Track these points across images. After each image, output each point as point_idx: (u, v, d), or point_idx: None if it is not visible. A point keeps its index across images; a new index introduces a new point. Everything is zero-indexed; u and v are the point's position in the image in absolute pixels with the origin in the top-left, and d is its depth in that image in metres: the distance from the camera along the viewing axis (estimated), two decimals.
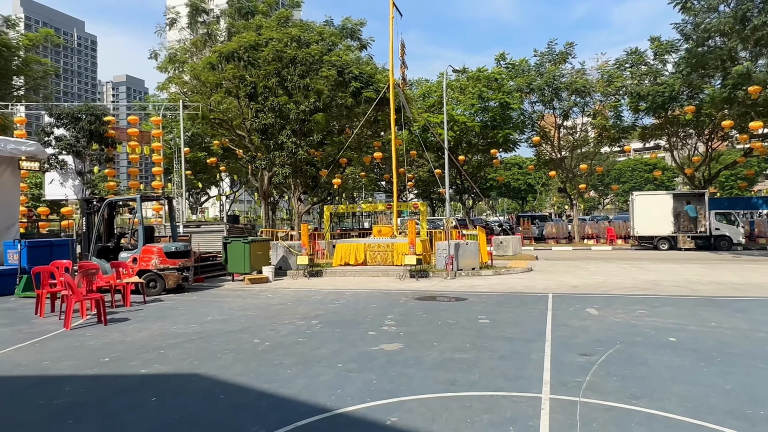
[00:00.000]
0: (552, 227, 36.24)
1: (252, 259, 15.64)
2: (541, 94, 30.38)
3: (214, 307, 10.75)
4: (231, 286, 14.76)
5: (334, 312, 9.84)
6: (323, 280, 15.48)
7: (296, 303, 11.14)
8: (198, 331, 8.36)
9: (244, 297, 12.30)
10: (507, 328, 8.02)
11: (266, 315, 9.71)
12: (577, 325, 8.10)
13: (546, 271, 16.95)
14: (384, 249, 17.74)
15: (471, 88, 31.69)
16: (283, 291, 13.28)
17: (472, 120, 31.64)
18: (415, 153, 34.14)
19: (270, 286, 14.51)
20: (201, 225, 18.41)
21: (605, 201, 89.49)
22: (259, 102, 18.80)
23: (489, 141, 33.18)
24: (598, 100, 30.45)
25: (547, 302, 10.48)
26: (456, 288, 13.02)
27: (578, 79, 29.24)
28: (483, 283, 13.96)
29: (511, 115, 32.42)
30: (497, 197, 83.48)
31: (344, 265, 17.95)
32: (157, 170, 22.47)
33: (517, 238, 24.02)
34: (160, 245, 13.06)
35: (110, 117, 21.95)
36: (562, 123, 32.06)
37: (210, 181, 55.45)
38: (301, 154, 18.71)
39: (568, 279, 14.41)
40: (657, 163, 77.50)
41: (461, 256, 15.91)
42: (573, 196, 34.22)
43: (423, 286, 13.57)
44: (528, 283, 13.59)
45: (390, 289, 13.13)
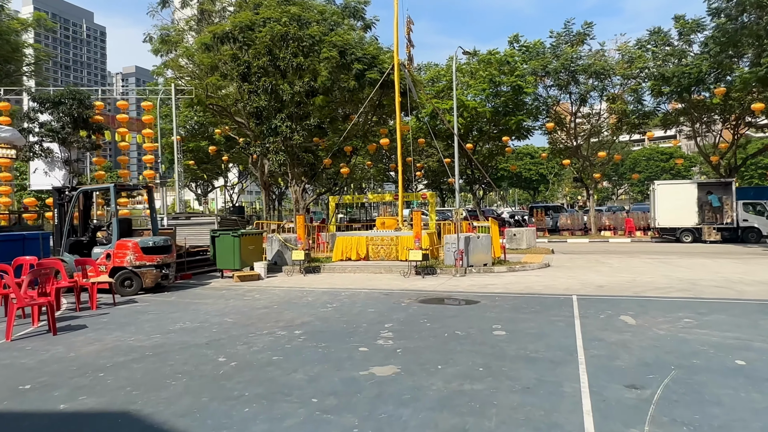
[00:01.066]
0: (567, 218, 34.61)
1: (243, 254, 14.31)
2: (557, 78, 28.63)
3: (190, 312, 9.41)
4: (218, 283, 13.45)
5: (324, 319, 8.46)
6: (320, 278, 14.12)
7: (284, 306, 9.77)
8: (158, 344, 7.01)
9: (227, 298, 10.96)
10: (528, 343, 6.59)
11: (245, 322, 8.35)
12: (613, 340, 6.64)
13: (565, 266, 15.46)
14: (388, 243, 16.32)
15: (482, 72, 30.02)
16: (272, 291, 11.92)
17: (483, 106, 30.02)
18: (423, 141, 32.60)
19: (260, 284, 13.16)
20: (191, 217, 17.11)
21: (619, 191, 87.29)
22: (252, 83, 17.37)
23: (501, 128, 31.54)
24: (618, 84, 28.65)
25: (571, 307, 9.02)
26: (466, 288, 11.59)
27: (597, 61, 27.46)
28: (496, 281, 12.50)
29: (524, 101, 30.73)
30: (508, 187, 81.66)
31: (345, 260, 16.57)
32: (148, 159, 21.16)
33: (531, 231, 22.50)
34: (136, 239, 11.74)
35: (98, 102, 20.65)
36: (578, 108, 30.31)
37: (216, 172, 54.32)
38: (297, 139, 17.26)
39: (592, 277, 12.91)
40: (674, 152, 75.26)
41: (472, 250, 14.46)
42: (589, 186, 32.52)
43: (429, 285, 12.16)
44: (547, 282, 12.12)
45: (392, 288, 11.72)
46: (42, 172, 20.55)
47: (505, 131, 31.39)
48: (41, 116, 19.94)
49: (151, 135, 21.22)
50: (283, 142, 17.61)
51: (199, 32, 23.77)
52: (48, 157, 20.36)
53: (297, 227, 15.17)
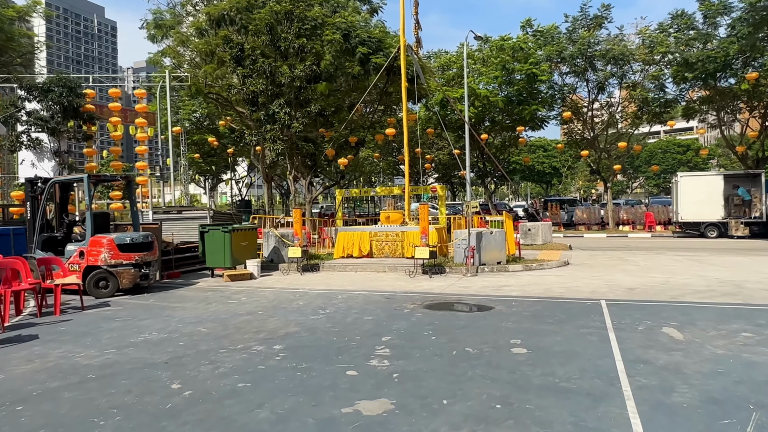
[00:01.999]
0: (583, 212, 33.18)
1: (234, 251, 13.15)
2: (573, 64, 27.14)
3: (162, 318, 8.26)
4: (206, 283, 12.31)
5: (312, 329, 7.25)
6: (318, 277, 12.92)
7: (270, 312, 8.59)
8: (108, 362, 5.86)
9: (210, 301, 9.80)
10: (556, 366, 5.33)
11: (220, 332, 7.17)
12: (662, 362, 5.37)
13: (586, 264, 14.13)
14: (392, 239, 15.09)
15: (494, 59, 28.57)
16: (262, 292, 10.75)
17: (495, 94, 28.59)
18: (433, 131, 31.26)
19: (251, 284, 12.00)
20: (183, 211, 15.99)
21: (634, 185, 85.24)
22: (246, 66, 16.13)
23: (514, 118, 30.09)
24: (638, 70, 27.07)
25: (602, 314, 7.73)
26: (478, 290, 10.33)
27: (616, 46, 25.90)
28: (512, 282, 11.22)
29: (539, 89, 29.24)
30: (521, 181, 79.99)
31: (347, 257, 15.38)
32: (141, 149, 20.09)
33: (547, 225, 21.15)
34: (112, 236, 10.61)
35: (89, 90, 19.58)
36: (596, 97, 28.78)
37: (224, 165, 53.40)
38: (296, 126, 16.01)
39: (619, 277, 11.58)
40: (691, 144, 73.12)
41: (484, 247, 13.18)
42: (607, 179, 31.01)
43: (437, 286, 10.91)
44: (569, 283, 10.82)
45: (395, 290, 10.49)
46: (31, 164, 19.55)
47: (519, 121, 29.95)
48: (29, 104, 18.91)
49: (144, 125, 20.13)
50: (281, 130, 16.38)
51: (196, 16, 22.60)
52: (37, 148, 19.34)
53: (294, 222, 13.97)
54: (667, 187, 74.39)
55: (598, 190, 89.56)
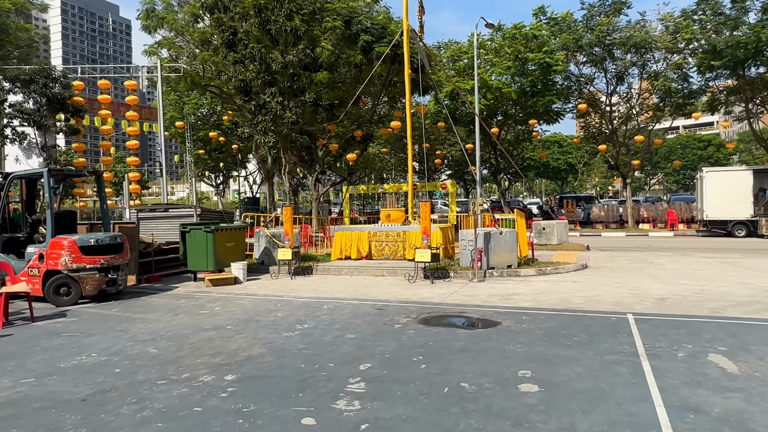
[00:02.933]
0: (600, 210, 31.65)
1: (219, 253, 12.02)
2: (591, 53, 25.63)
3: (114, 334, 7.12)
4: (185, 289, 11.19)
5: (280, 352, 6.05)
6: (308, 282, 11.73)
7: (241, 326, 7.41)
8: (14, 398, 4.71)
9: (179, 312, 8.66)
10: (577, 414, 4.07)
11: (170, 356, 6.01)
12: (717, 410, 4.08)
13: (606, 268, 12.76)
14: (393, 239, 13.85)
15: (507, 49, 27.16)
16: (241, 300, 9.58)
17: (508, 86, 27.17)
18: (443, 125, 29.91)
19: (233, 290, 10.84)
20: (170, 209, 14.91)
21: (652, 182, 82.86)
22: (238, 51, 14.95)
23: (528, 111, 28.65)
24: (661, 59, 25.45)
25: (630, 333, 6.43)
26: (484, 299, 9.06)
27: (637, 32, 24.33)
28: (523, 290, 9.92)
29: (553, 80, 27.77)
30: (535, 177, 78.18)
31: (344, 258, 14.19)
32: (132, 144, 19.06)
33: (563, 223, 19.73)
34: (74, 237, 9.51)
35: (76, 82, 18.58)
36: (615, 88, 27.20)
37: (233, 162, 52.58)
38: (288, 117, 14.79)
39: (645, 284, 10.22)
40: (712, 139, 70.83)
41: (493, 249, 11.89)
42: (626, 175, 29.42)
43: (438, 294, 9.66)
44: (589, 291, 9.49)
45: (389, 299, 9.26)
46: (15, 160, 18.64)
47: (533, 114, 28.52)
48: (12, 97, 17.96)
49: (135, 118, 19.11)
50: (273, 121, 15.18)
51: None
52: (23, 142, 18.41)
53: (284, 221, 12.79)
54: (687, 184, 72.18)
55: (614, 187, 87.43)
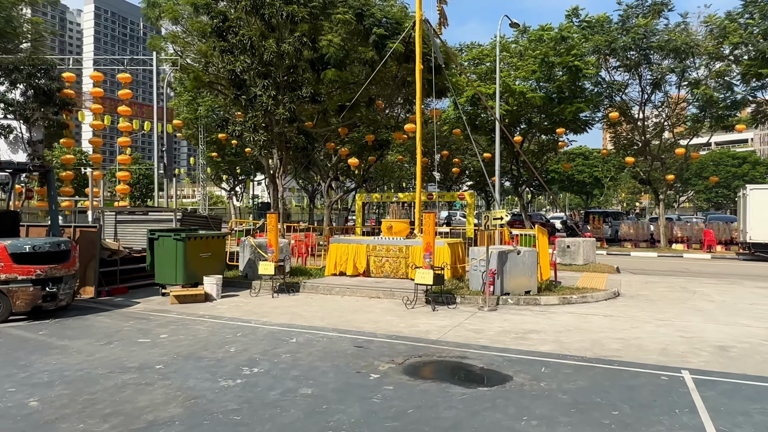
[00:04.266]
0: (629, 227, 29.39)
1: (190, 265, 10.44)
2: (625, 57, 23.61)
3: (7, 372, 5.53)
4: (146, 305, 9.60)
5: (197, 417, 4.35)
6: (290, 302, 10.04)
7: (171, 368, 5.75)
8: None
9: (114, 339, 7.04)
10: None
11: (48, 414, 4.37)
12: None
13: (642, 297, 10.80)
14: (395, 254, 12.11)
15: (531, 51, 25.31)
16: (199, 325, 7.93)
17: (532, 91, 25.28)
18: (459, 132, 28.12)
19: (198, 310, 9.20)
20: (150, 212, 13.44)
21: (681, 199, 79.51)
22: (228, 40, 13.43)
23: (553, 120, 26.68)
24: (703, 65, 23.30)
25: (693, 408, 4.57)
26: (494, 337, 7.25)
27: (678, 35, 22.26)
28: (543, 325, 8.07)
29: (582, 87, 25.80)
30: (559, 191, 75.63)
31: (339, 274, 12.50)
32: (124, 141, 17.72)
33: (589, 242, 17.72)
34: (5, 242, 8.00)
35: (67, 74, 17.34)
36: (650, 96, 25.08)
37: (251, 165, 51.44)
38: (280, 113, 13.16)
39: (695, 323, 8.27)
40: (747, 156, 67.67)
41: (509, 271, 10.06)
42: (659, 190, 27.19)
43: (437, 326, 7.87)
44: (626, 332, 7.59)
45: (376, 331, 7.51)
46: (5, 154, 17.44)
47: (559, 123, 26.53)
48: None
49: (128, 113, 17.79)
50: (265, 117, 13.57)
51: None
52: (8, 137, 17.21)
53: (268, 230, 11.15)
54: (719, 202, 68.87)
55: (641, 203, 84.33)
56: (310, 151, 13.99)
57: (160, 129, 23.64)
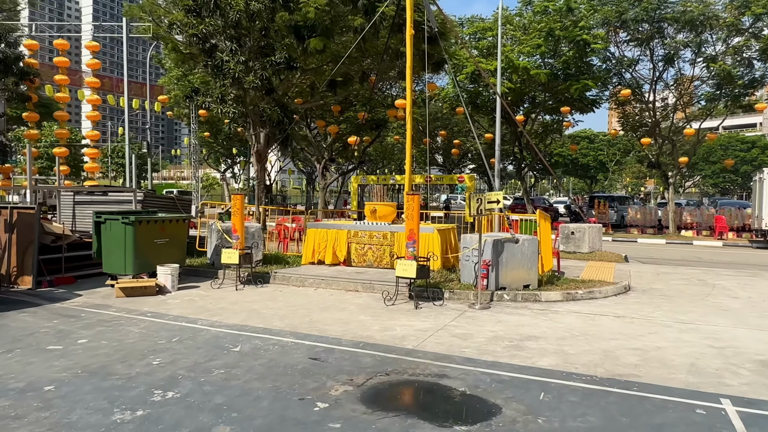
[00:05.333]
0: (636, 212, 28.01)
1: (142, 252, 9.16)
2: (636, 30, 22.02)
3: None
4: (84, 299, 8.34)
5: None
6: (254, 296, 8.78)
7: (64, 390, 4.48)
8: None
9: (22, 344, 5.78)
10: None
11: None
12: None
13: (656, 292, 9.49)
14: (378, 242, 10.81)
15: (536, 24, 23.71)
16: (131, 327, 6.66)
17: (537, 68, 23.74)
18: (462, 110, 26.57)
19: (143, 305, 7.94)
20: (110, 192, 12.14)
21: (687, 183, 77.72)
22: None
23: (559, 99, 25.15)
24: (721, 39, 21.67)
25: None
26: (483, 345, 5.97)
27: (695, 6, 20.63)
28: (544, 328, 6.78)
29: (590, 63, 24.25)
30: (563, 175, 73.98)
31: (317, 263, 11.23)
32: (91, 115, 16.34)
33: (595, 228, 16.38)
34: None
35: (29, 41, 15.90)
36: (662, 73, 23.51)
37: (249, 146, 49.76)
38: (250, 80, 11.69)
39: (723, 326, 6.96)
40: (757, 141, 65.85)
41: (505, 262, 8.76)
42: (670, 173, 25.75)
43: (417, 330, 6.60)
44: (643, 339, 6.30)
45: (342, 337, 6.23)
46: None
47: (564, 102, 25.01)
48: None
49: (96, 85, 16.39)
50: (234, 86, 12.12)
51: None
52: None
53: (232, 213, 9.83)
54: (726, 188, 67.24)
55: (646, 188, 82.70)
56: (286, 126, 12.57)
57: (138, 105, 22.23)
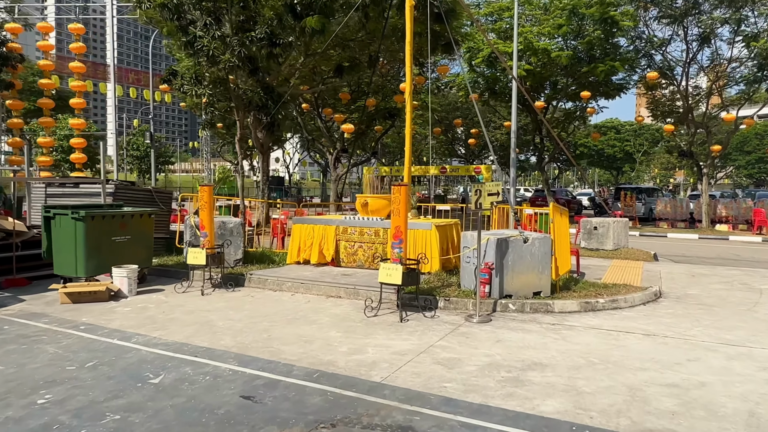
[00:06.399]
0: (666, 205, 26.18)
1: (98, 251, 8.07)
2: (669, 7, 20.19)
3: None
4: (22, 306, 7.26)
5: None
6: (219, 304, 7.59)
7: None
8: None
9: None
10: None
11: None
12: None
13: (693, 299, 8.02)
14: (370, 239, 9.53)
15: (558, 2, 22.03)
16: (42, 347, 5.50)
17: (559, 50, 22.07)
18: (478, 96, 25.05)
19: (87, 313, 6.81)
20: (81, 183, 11.11)
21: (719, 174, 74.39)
22: None
23: (582, 83, 23.43)
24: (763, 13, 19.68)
25: None
26: (472, 377, 4.66)
27: None
28: (553, 353, 5.43)
29: (617, 44, 22.49)
30: (588, 166, 71.52)
31: (303, 262, 10.03)
32: (76, 102, 15.37)
33: (621, 222, 14.78)
34: None
35: (11, 24, 14.96)
36: (696, 53, 21.60)
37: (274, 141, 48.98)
38: (225, 59, 10.46)
39: None
40: None
41: (512, 265, 7.40)
42: (703, 164, 23.85)
43: (394, 352, 5.32)
44: (679, 371, 4.90)
45: (296, 362, 4.98)
46: None
47: (588, 86, 23.29)
48: None
49: (81, 70, 15.41)
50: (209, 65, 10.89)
51: None
52: None
53: (200, 207, 8.65)
54: (761, 179, 64.09)
55: (675, 179, 79.62)
56: (271, 109, 11.31)
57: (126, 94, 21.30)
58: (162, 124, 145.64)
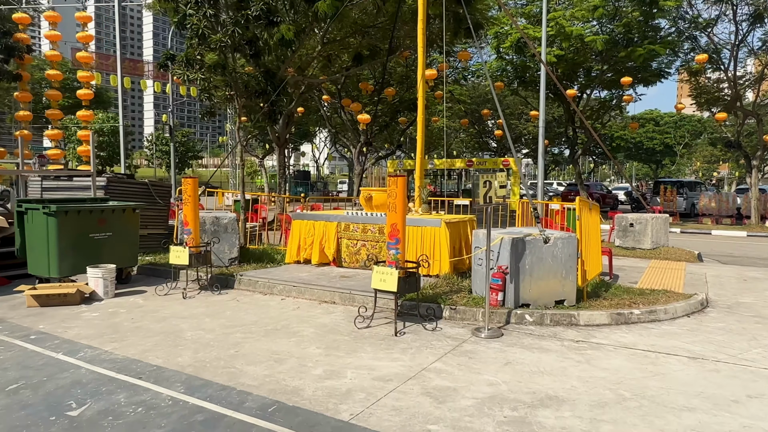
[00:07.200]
0: (710, 200, 24.40)
1: (73, 249, 7.39)
2: None
3: None
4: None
5: None
6: (198, 309, 6.80)
7: None
8: None
9: None
10: None
11: None
12: None
13: (744, 309, 6.81)
14: (374, 237, 8.60)
15: None
16: None
17: (593, 33, 20.60)
18: (502, 85, 23.76)
19: (50, 318, 6.11)
20: (75, 176, 10.54)
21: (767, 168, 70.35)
22: None
23: (619, 69, 21.86)
24: None
25: None
26: (467, 411, 3.68)
27: None
28: (574, 382, 4.40)
29: (657, 26, 20.88)
30: (625, 160, 68.71)
31: (303, 262, 9.19)
32: (84, 94, 14.90)
33: (661, 219, 13.40)
34: None
35: (19, 14, 14.57)
36: (746, 34, 19.84)
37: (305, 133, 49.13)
38: (216, 39, 9.63)
39: None
40: None
41: (530, 269, 6.35)
42: (752, 155, 22.02)
43: (378, 377, 4.39)
44: (736, 411, 3.82)
45: (254, 389, 4.10)
46: None
47: (625, 73, 21.72)
48: None
49: (89, 60, 14.94)
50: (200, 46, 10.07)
51: None
52: None
53: (184, 202, 7.87)
54: None
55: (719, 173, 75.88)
56: (270, 96, 10.45)
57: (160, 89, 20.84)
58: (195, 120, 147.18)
